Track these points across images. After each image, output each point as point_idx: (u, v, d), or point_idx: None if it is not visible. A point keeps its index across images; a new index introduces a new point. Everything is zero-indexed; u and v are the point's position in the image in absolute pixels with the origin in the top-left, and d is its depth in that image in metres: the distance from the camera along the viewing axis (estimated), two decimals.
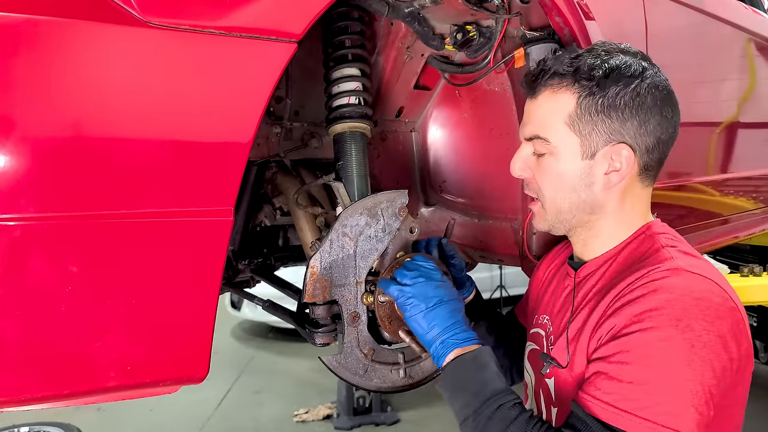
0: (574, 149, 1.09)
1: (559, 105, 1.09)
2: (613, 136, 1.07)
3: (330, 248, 1.23)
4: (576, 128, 1.08)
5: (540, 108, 1.13)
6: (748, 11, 2.55)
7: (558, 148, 1.10)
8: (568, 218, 1.14)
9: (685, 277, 0.98)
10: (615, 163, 1.08)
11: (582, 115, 1.07)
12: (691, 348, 0.91)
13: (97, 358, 0.89)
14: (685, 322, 0.92)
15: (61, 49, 0.83)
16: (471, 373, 1.06)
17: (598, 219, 1.14)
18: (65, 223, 0.85)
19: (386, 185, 1.82)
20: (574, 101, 1.08)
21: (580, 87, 1.07)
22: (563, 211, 1.14)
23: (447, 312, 1.13)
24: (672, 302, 0.94)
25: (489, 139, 1.78)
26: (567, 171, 1.10)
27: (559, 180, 1.12)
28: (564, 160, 1.10)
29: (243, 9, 0.96)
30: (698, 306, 0.94)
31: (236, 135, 0.97)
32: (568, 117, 1.08)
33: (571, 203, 1.12)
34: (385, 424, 4.17)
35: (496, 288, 7.00)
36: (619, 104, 1.06)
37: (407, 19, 1.42)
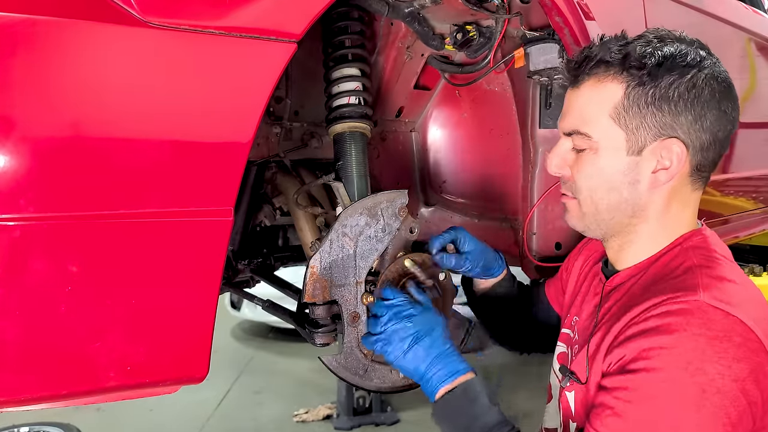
0: (618, 144, 0.99)
1: (604, 96, 1.00)
2: (664, 130, 0.97)
3: (330, 248, 1.23)
4: (622, 121, 0.98)
5: (582, 98, 1.03)
6: (748, 11, 2.55)
7: (600, 143, 1.00)
8: (606, 219, 1.04)
9: (705, 312, 0.88)
10: (664, 161, 0.98)
11: (630, 107, 0.97)
12: (701, 393, 0.83)
13: (96, 358, 0.89)
14: (695, 365, 0.84)
15: (60, 49, 0.83)
16: (460, 408, 1.03)
17: (638, 223, 1.04)
18: (65, 223, 0.85)
19: (386, 185, 1.82)
20: (622, 91, 0.98)
21: (629, 76, 0.97)
22: (601, 211, 1.04)
23: (425, 349, 1.08)
24: (684, 341, 0.86)
25: (489, 139, 1.78)
26: (609, 167, 1.01)
27: (600, 177, 1.02)
28: (606, 156, 1.00)
29: (243, 9, 0.96)
30: (713, 347, 0.85)
31: (236, 135, 0.97)
32: (614, 109, 0.98)
33: (611, 203, 1.03)
34: (385, 425, 4.16)
35: None
36: (673, 96, 0.96)
37: (407, 19, 1.42)
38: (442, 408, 1.05)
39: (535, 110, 1.66)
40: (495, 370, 5.03)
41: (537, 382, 4.77)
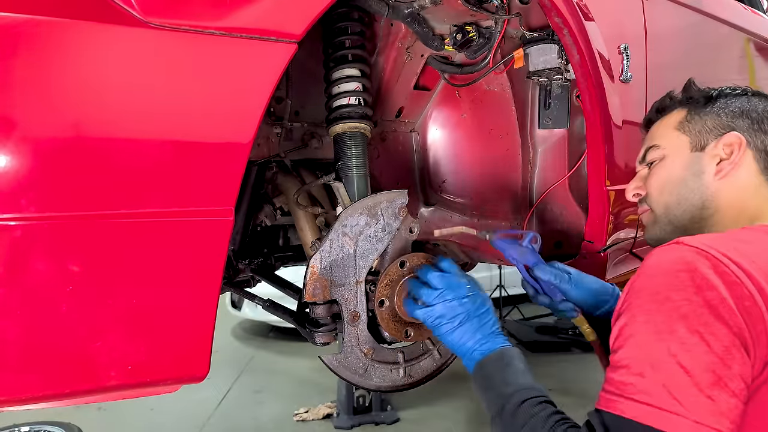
0: (683, 146, 1.14)
1: (668, 120, 1.19)
2: (724, 129, 1.11)
3: (330, 248, 1.24)
4: (686, 129, 1.14)
5: (653, 131, 1.23)
6: (747, 12, 2.55)
7: (667, 149, 1.16)
8: (678, 214, 1.13)
9: (677, 250, 0.90)
10: (724, 152, 1.09)
11: (692, 118, 1.14)
12: (668, 320, 0.83)
13: (97, 358, 0.90)
14: (663, 294, 0.85)
15: (61, 50, 0.83)
16: (494, 373, 1.06)
17: (710, 215, 1.10)
18: (66, 223, 0.85)
19: (386, 185, 1.82)
20: (684, 113, 1.16)
21: (689, 103, 1.17)
22: (671, 205, 1.14)
23: (474, 328, 1.13)
24: (652, 277, 0.88)
25: (488, 139, 1.79)
26: (675, 165, 1.14)
27: (667, 174, 1.15)
28: (673, 157, 1.15)
29: (243, 10, 0.96)
30: (678, 276, 0.86)
31: (237, 135, 0.97)
32: (679, 123, 1.16)
33: (680, 195, 1.12)
34: (385, 423, 4.16)
35: (495, 288, 7.00)
36: (729, 107, 1.12)
37: (407, 19, 1.43)
38: (479, 373, 1.08)
39: (534, 111, 1.66)
40: None
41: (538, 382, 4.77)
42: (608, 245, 1.64)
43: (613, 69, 1.52)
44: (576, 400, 4.43)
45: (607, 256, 1.65)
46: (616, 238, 1.67)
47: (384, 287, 1.28)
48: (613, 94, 1.51)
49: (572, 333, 5.85)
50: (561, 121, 1.57)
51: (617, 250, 1.73)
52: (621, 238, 1.70)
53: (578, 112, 1.58)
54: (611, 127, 1.52)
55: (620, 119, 1.56)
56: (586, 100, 1.48)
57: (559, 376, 4.93)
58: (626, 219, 1.70)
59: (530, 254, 1.33)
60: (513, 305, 7.09)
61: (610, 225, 1.59)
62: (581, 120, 1.57)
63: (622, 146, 1.58)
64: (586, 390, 4.56)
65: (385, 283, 1.28)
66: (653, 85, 1.71)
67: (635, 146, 1.67)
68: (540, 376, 4.63)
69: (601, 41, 1.47)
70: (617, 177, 1.59)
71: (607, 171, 1.54)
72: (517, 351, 1.10)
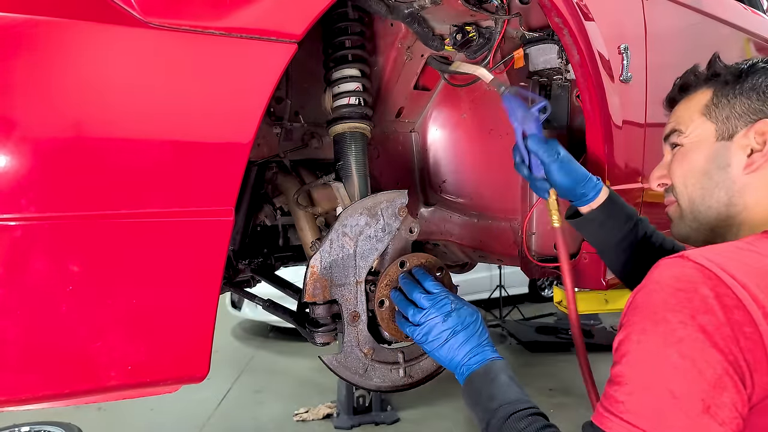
0: (708, 134, 1.03)
1: (694, 102, 1.07)
2: (755, 114, 0.98)
3: (330, 248, 1.24)
4: (712, 115, 1.03)
5: (677, 111, 1.11)
6: (747, 12, 2.55)
7: (691, 136, 1.05)
8: (702, 210, 1.03)
9: (680, 265, 0.85)
10: (756, 142, 0.97)
11: (718, 102, 1.03)
12: (663, 342, 0.80)
13: (97, 358, 0.89)
14: (660, 315, 0.82)
15: (61, 50, 0.83)
16: (481, 388, 1.06)
17: (738, 213, 1.00)
18: (66, 223, 0.85)
19: (386, 185, 1.82)
20: (710, 93, 1.05)
21: (714, 82, 1.05)
22: (696, 200, 1.04)
23: (460, 342, 1.12)
24: (651, 293, 0.85)
25: (488, 139, 1.79)
26: (699, 154, 1.04)
27: (690, 164, 1.05)
28: (696, 146, 1.04)
29: (243, 10, 0.96)
30: (676, 296, 0.82)
31: (237, 135, 0.97)
32: (704, 107, 1.04)
33: (704, 188, 1.02)
34: (385, 423, 4.17)
35: (495, 288, 7.00)
36: (760, 85, 0.99)
37: (407, 19, 1.43)
38: (467, 389, 1.08)
39: None
40: None
41: (538, 382, 4.79)
42: None
43: (613, 69, 1.52)
44: (576, 400, 4.44)
45: None
46: None
47: (384, 287, 1.28)
48: (613, 94, 1.51)
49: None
50: (561, 121, 1.57)
51: None
52: None
53: (578, 112, 1.58)
54: (611, 127, 1.52)
55: (620, 119, 1.56)
56: (586, 100, 1.48)
57: (559, 376, 4.94)
58: None
59: (533, 121, 1.28)
60: (513, 305, 7.10)
61: None
62: (581, 120, 1.57)
63: (622, 146, 1.58)
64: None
65: (385, 283, 1.28)
66: (653, 85, 1.71)
67: (635, 146, 1.67)
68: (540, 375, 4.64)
69: (601, 41, 1.47)
70: (617, 177, 1.59)
71: (607, 171, 1.54)
72: (503, 363, 1.08)
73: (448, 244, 1.95)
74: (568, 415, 4.20)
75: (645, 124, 1.70)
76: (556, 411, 4.26)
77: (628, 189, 1.66)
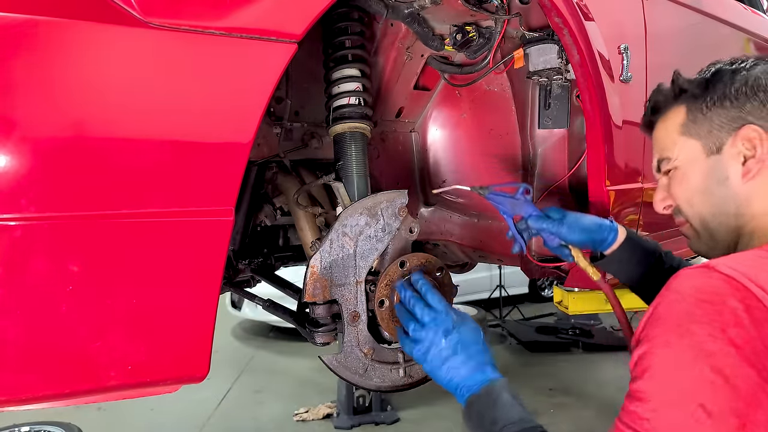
0: (696, 152, 1.02)
1: (669, 123, 1.06)
2: (736, 122, 0.97)
3: (330, 248, 1.24)
4: (692, 132, 1.02)
5: (657, 136, 1.11)
6: (747, 12, 2.55)
7: (680, 158, 1.04)
8: (715, 226, 1.01)
9: (706, 275, 0.82)
10: (746, 149, 0.96)
11: (694, 118, 1.02)
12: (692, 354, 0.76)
13: (97, 358, 0.89)
14: (685, 327, 0.78)
15: (61, 50, 0.83)
16: (482, 411, 1.03)
17: (747, 222, 0.98)
18: (66, 223, 0.85)
19: (386, 185, 1.82)
20: (683, 111, 1.04)
21: (684, 98, 1.04)
22: (706, 218, 1.02)
23: (460, 362, 1.09)
24: (675, 304, 0.81)
25: (488, 139, 1.79)
26: (693, 175, 1.02)
27: (689, 186, 1.04)
28: (688, 166, 1.03)
29: (243, 10, 0.96)
30: (702, 308, 0.78)
31: (237, 135, 0.97)
32: (681, 127, 1.04)
33: (711, 207, 1.01)
34: (385, 423, 4.17)
35: (495, 288, 7.00)
36: (730, 92, 0.98)
37: (407, 19, 1.43)
38: (468, 413, 1.06)
39: (534, 111, 1.66)
40: None
41: (538, 382, 4.79)
42: None
43: (613, 69, 1.52)
44: (576, 400, 4.44)
45: None
46: None
47: (384, 287, 1.28)
48: (613, 94, 1.51)
49: (572, 333, 5.85)
50: (561, 121, 1.57)
51: None
52: None
53: (578, 112, 1.58)
54: (611, 127, 1.52)
55: (620, 119, 1.56)
56: (586, 100, 1.48)
57: (559, 376, 4.93)
58: (626, 219, 1.70)
59: (524, 205, 1.35)
60: (513, 305, 7.10)
61: None
62: (581, 120, 1.57)
63: (622, 146, 1.58)
64: (586, 390, 4.57)
65: (385, 283, 1.28)
66: (653, 85, 1.70)
67: (635, 146, 1.67)
68: (540, 375, 4.64)
69: (601, 41, 1.47)
70: (617, 177, 1.59)
71: (607, 171, 1.54)
72: (503, 382, 1.05)
73: (448, 244, 1.95)
74: (568, 415, 4.20)
75: None
76: (556, 411, 4.26)
77: (628, 189, 1.66)
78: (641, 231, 1.80)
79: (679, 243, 2.09)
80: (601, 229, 1.32)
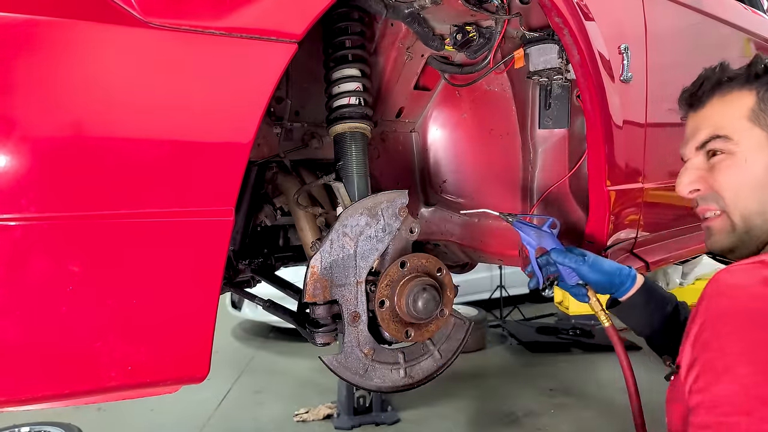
0: (760, 143, 0.98)
1: (735, 105, 1.01)
2: None
3: (330, 248, 1.24)
4: (761, 121, 0.98)
5: (711, 114, 1.04)
6: (747, 12, 2.55)
7: (740, 144, 0.99)
8: (759, 223, 0.98)
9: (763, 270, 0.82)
10: None
11: (766, 107, 0.98)
12: None
13: (97, 358, 0.89)
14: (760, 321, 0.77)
15: (61, 50, 0.83)
16: None
17: None
18: (66, 223, 0.85)
19: (386, 185, 1.82)
20: (754, 97, 0.99)
21: (758, 83, 1.00)
22: (752, 213, 0.99)
23: None
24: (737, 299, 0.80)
25: (489, 139, 1.79)
26: (753, 166, 0.98)
27: (744, 177, 0.99)
28: (749, 155, 0.98)
29: (243, 9, 0.96)
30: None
31: (237, 135, 0.97)
32: (750, 111, 0.99)
33: (761, 203, 0.98)
34: (385, 424, 4.16)
35: (496, 288, 7.00)
36: None
37: (407, 19, 1.43)
38: None
39: (535, 111, 1.66)
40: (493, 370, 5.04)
41: (539, 382, 4.78)
42: (609, 245, 1.64)
43: (613, 69, 1.52)
44: (576, 401, 4.43)
45: (607, 256, 1.65)
46: (616, 239, 1.67)
47: (384, 287, 1.27)
48: (613, 94, 1.51)
49: (572, 333, 5.84)
50: (561, 121, 1.57)
51: (618, 250, 1.73)
52: (621, 238, 1.70)
53: (578, 112, 1.58)
54: (612, 127, 1.52)
55: (621, 119, 1.55)
56: (586, 100, 1.48)
57: (559, 376, 4.93)
58: (627, 219, 1.70)
59: (548, 239, 1.38)
60: (513, 305, 7.09)
61: (610, 225, 1.59)
62: (581, 120, 1.57)
63: (623, 146, 1.58)
64: (587, 390, 4.57)
65: (386, 284, 1.28)
66: (653, 85, 1.71)
67: (636, 146, 1.67)
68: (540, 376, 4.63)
69: (602, 41, 1.47)
70: (618, 177, 1.59)
71: (607, 171, 1.54)
72: None
73: (448, 244, 1.95)
74: (569, 415, 4.19)
75: (645, 124, 1.70)
76: (556, 411, 4.26)
77: (628, 189, 1.65)
78: (642, 231, 1.79)
79: (680, 244, 2.09)
80: (620, 273, 1.33)
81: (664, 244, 2.01)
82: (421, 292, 1.26)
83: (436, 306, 1.28)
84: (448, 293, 1.37)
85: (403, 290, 1.27)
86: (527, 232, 1.40)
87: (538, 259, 1.39)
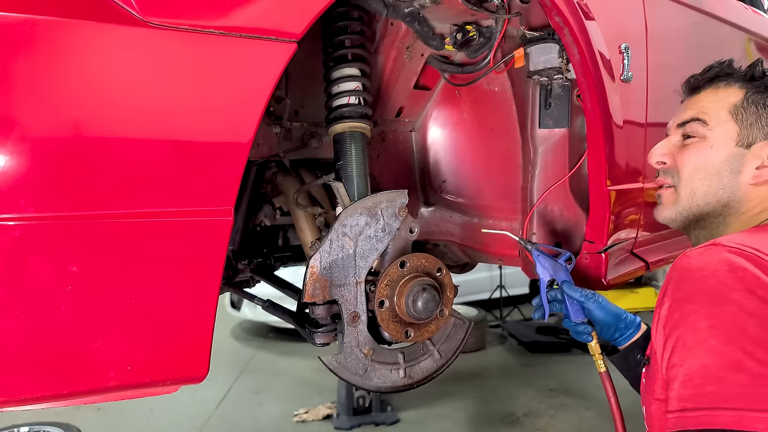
0: (729, 135, 1.06)
1: (724, 96, 1.09)
2: None
3: (330, 248, 1.23)
4: (739, 117, 1.06)
5: (703, 99, 1.12)
6: (748, 11, 2.55)
7: (713, 131, 1.08)
8: (701, 204, 1.09)
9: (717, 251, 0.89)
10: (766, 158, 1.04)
11: (747, 107, 1.06)
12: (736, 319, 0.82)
13: (97, 358, 0.89)
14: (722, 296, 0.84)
15: (60, 49, 0.83)
16: None
17: (729, 214, 1.07)
18: (65, 223, 0.85)
19: (386, 185, 1.82)
20: (742, 95, 1.08)
21: (750, 85, 1.08)
22: (698, 194, 1.09)
23: None
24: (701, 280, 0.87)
25: (489, 138, 1.78)
26: (716, 153, 1.07)
27: (705, 160, 1.08)
28: (715, 143, 1.07)
29: (243, 9, 0.96)
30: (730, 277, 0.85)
31: (236, 135, 0.97)
32: (733, 106, 1.07)
33: (710, 187, 1.07)
34: (385, 424, 4.16)
35: (496, 288, 7.00)
36: None
37: (407, 19, 1.42)
38: None
39: (535, 110, 1.66)
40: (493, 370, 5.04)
41: (539, 383, 4.78)
42: (609, 245, 1.63)
43: (613, 68, 1.52)
44: (576, 401, 4.43)
45: (608, 256, 1.65)
46: (616, 238, 1.66)
47: (384, 287, 1.27)
48: (613, 93, 1.51)
49: None
50: (561, 120, 1.56)
51: (618, 250, 1.72)
52: (622, 238, 1.70)
53: (579, 111, 1.57)
54: (612, 126, 1.52)
55: (621, 119, 1.55)
56: (586, 99, 1.48)
57: (559, 376, 4.93)
58: (627, 219, 1.70)
59: (562, 272, 1.41)
60: (513, 306, 7.09)
61: (610, 225, 1.59)
62: (582, 120, 1.57)
63: (623, 146, 1.58)
64: (586, 390, 4.56)
65: (386, 284, 1.27)
66: (654, 84, 1.71)
67: (636, 146, 1.67)
68: (540, 376, 4.63)
69: (602, 40, 1.47)
70: (618, 177, 1.59)
71: (607, 171, 1.54)
72: None
73: (448, 244, 1.94)
74: (569, 415, 4.19)
75: (646, 124, 1.70)
76: (556, 411, 4.26)
77: (628, 189, 1.65)
78: (642, 231, 1.79)
79: (680, 244, 2.09)
80: (626, 317, 1.37)
81: (664, 244, 2.00)
82: (421, 292, 1.26)
83: (435, 306, 1.28)
84: (447, 293, 1.37)
85: (403, 290, 1.27)
86: (543, 263, 1.42)
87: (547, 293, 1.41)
